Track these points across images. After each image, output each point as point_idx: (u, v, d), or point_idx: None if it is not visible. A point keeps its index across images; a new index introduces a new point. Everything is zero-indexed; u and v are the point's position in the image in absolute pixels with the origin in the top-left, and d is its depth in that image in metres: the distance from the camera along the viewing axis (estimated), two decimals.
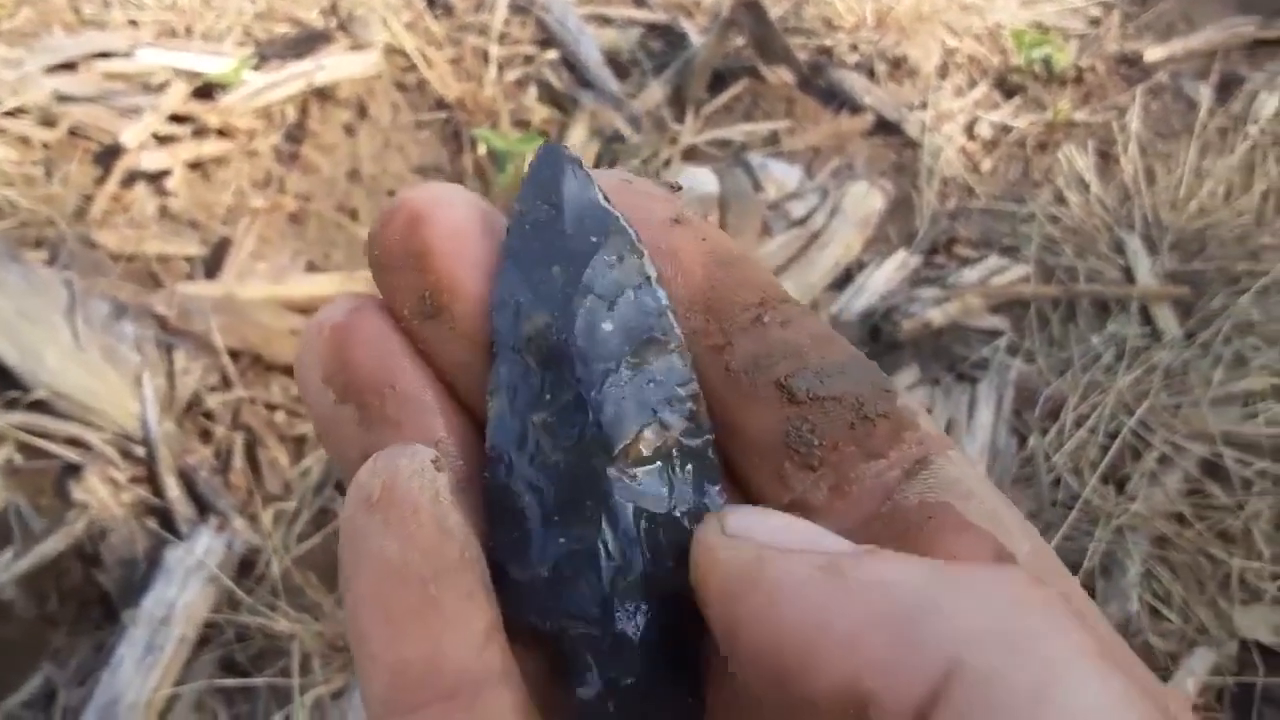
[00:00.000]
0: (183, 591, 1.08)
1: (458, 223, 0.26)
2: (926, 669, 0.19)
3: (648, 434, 0.25)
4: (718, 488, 0.25)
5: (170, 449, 1.22)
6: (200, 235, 1.52)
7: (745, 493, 0.26)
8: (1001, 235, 1.48)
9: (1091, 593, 1.07)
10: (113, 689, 1.00)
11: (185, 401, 1.28)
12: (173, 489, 1.20)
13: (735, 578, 0.22)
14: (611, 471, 0.24)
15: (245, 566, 1.15)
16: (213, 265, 1.47)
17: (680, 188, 0.28)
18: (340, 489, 1.23)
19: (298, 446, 1.29)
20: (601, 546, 0.24)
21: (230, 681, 1.04)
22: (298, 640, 1.05)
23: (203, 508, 1.20)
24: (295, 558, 1.14)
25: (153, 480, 1.22)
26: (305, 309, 1.39)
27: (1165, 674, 1.00)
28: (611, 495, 0.24)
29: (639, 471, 0.25)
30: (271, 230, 1.51)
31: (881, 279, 1.43)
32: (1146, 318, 1.35)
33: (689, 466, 0.25)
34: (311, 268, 1.47)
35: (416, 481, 0.23)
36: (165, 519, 1.18)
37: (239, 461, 1.25)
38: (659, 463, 0.25)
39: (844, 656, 0.20)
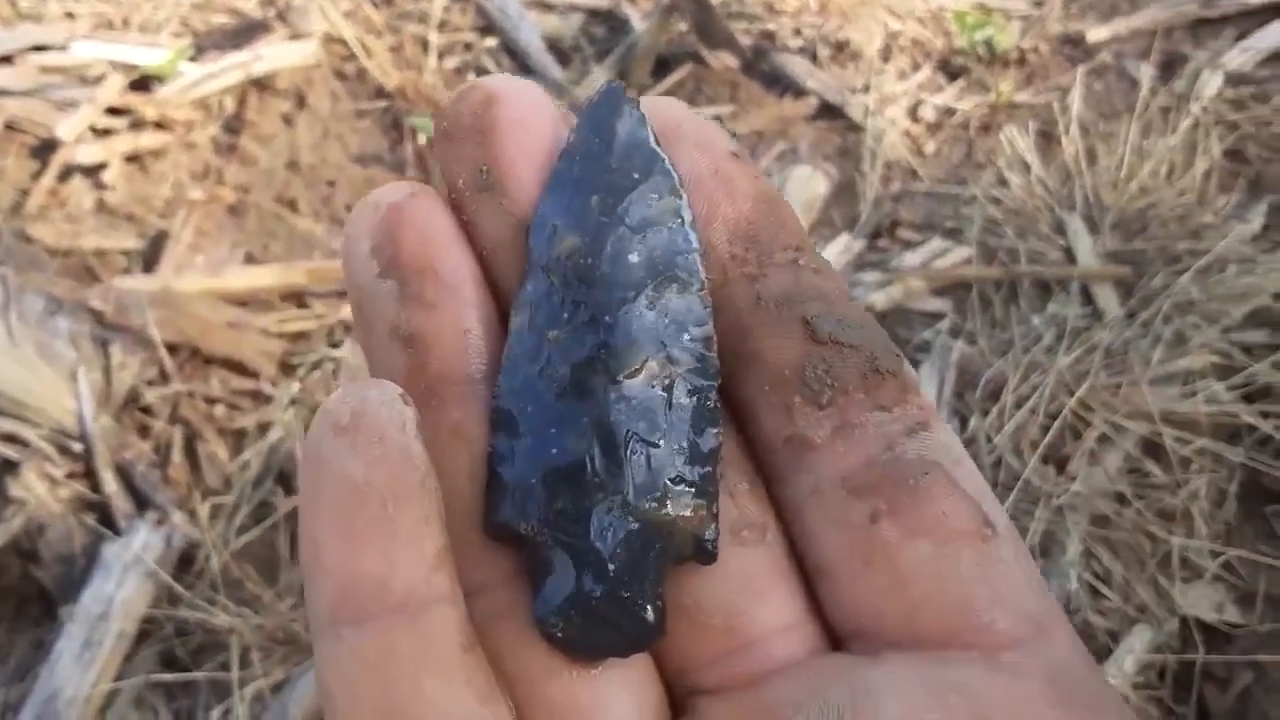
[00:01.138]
0: (120, 587, 1.06)
1: (525, 111, 0.27)
2: None
3: (653, 364, 0.26)
4: (716, 430, 0.26)
5: (107, 444, 1.21)
6: (137, 229, 1.50)
7: (751, 424, 0.27)
8: (944, 218, 1.48)
9: None
10: (51, 685, 0.99)
11: (122, 396, 1.26)
12: (110, 484, 1.18)
13: None
14: (611, 392, 0.25)
15: (184, 561, 1.14)
16: (150, 259, 1.45)
17: (735, 134, 0.30)
18: (282, 482, 1.22)
19: (237, 440, 1.28)
20: (589, 462, 0.25)
21: (169, 676, 1.03)
22: (237, 634, 1.04)
23: (141, 503, 1.18)
24: (234, 551, 1.13)
25: (90, 476, 1.20)
26: (244, 301, 1.38)
27: (1105, 652, 1.01)
28: (607, 415, 0.25)
29: (638, 398, 0.25)
30: (209, 222, 1.49)
31: None
32: (1088, 298, 1.36)
33: (690, 402, 0.26)
34: (250, 259, 1.45)
35: (385, 411, 0.24)
36: (104, 515, 1.17)
37: (177, 456, 1.24)
38: (660, 393, 0.26)
39: None
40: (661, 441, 0.25)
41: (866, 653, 0.25)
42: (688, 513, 0.25)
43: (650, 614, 0.25)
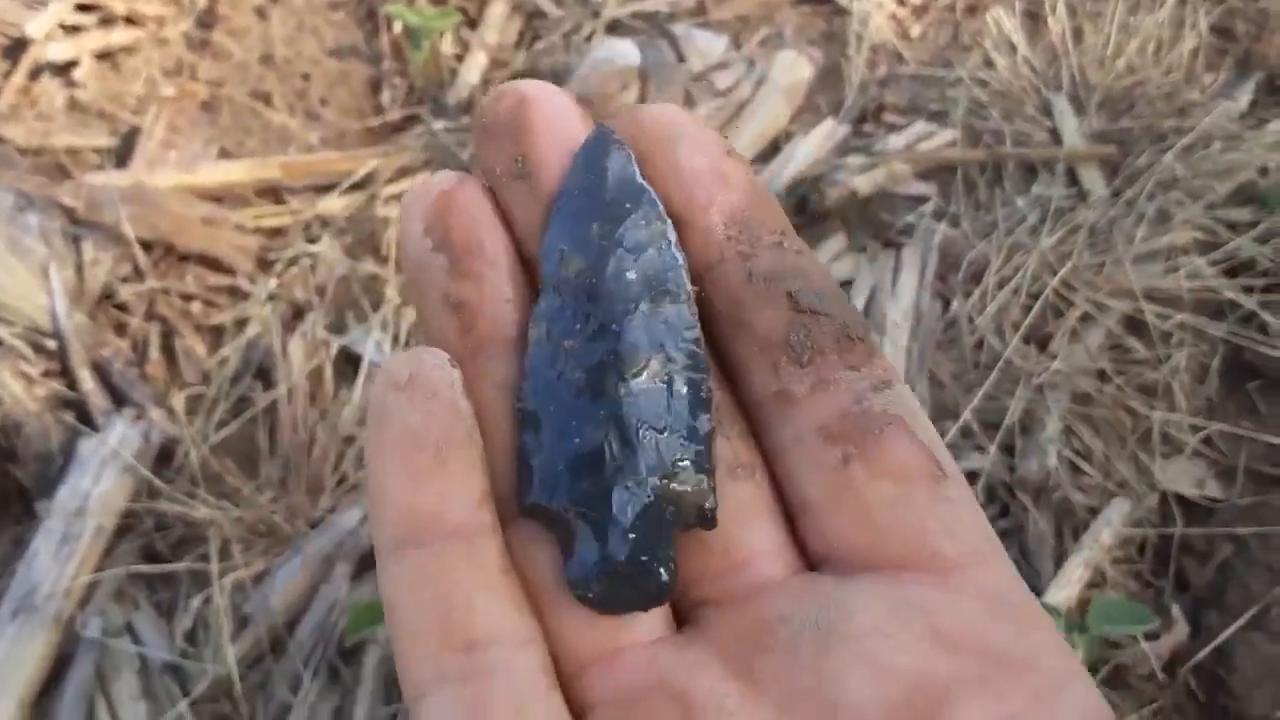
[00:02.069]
0: (98, 482, 1.06)
1: (554, 111, 0.32)
2: None
3: (654, 363, 0.30)
4: (707, 415, 0.31)
5: (82, 341, 1.20)
6: (109, 126, 1.47)
7: (742, 381, 0.32)
8: (929, 101, 1.45)
9: (1011, 450, 1.08)
10: (29, 580, 0.99)
11: (96, 293, 1.25)
12: (87, 382, 1.17)
13: None
14: (622, 389, 0.30)
15: (164, 457, 1.14)
16: (123, 156, 1.43)
17: (727, 136, 0.35)
18: (261, 378, 1.21)
19: (215, 337, 1.27)
20: (607, 448, 0.30)
21: (148, 568, 1.03)
22: (217, 527, 1.04)
23: (119, 400, 1.18)
24: (213, 446, 1.13)
25: (66, 374, 1.20)
26: (218, 197, 1.36)
27: (1084, 527, 1.01)
28: (620, 406, 0.30)
29: (644, 390, 0.30)
30: (183, 119, 1.47)
31: (809, 149, 1.41)
32: (1073, 179, 1.34)
33: (686, 394, 0.30)
34: (224, 155, 1.43)
35: (437, 372, 0.29)
36: (81, 412, 1.16)
37: (155, 353, 1.23)
38: (662, 386, 0.30)
39: None
40: (666, 428, 0.30)
41: (838, 574, 0.30)
42: (691, 487, 0.30)
43: (665, 574, 0.30)
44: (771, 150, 1.42)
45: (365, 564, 1.02)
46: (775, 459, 0.31)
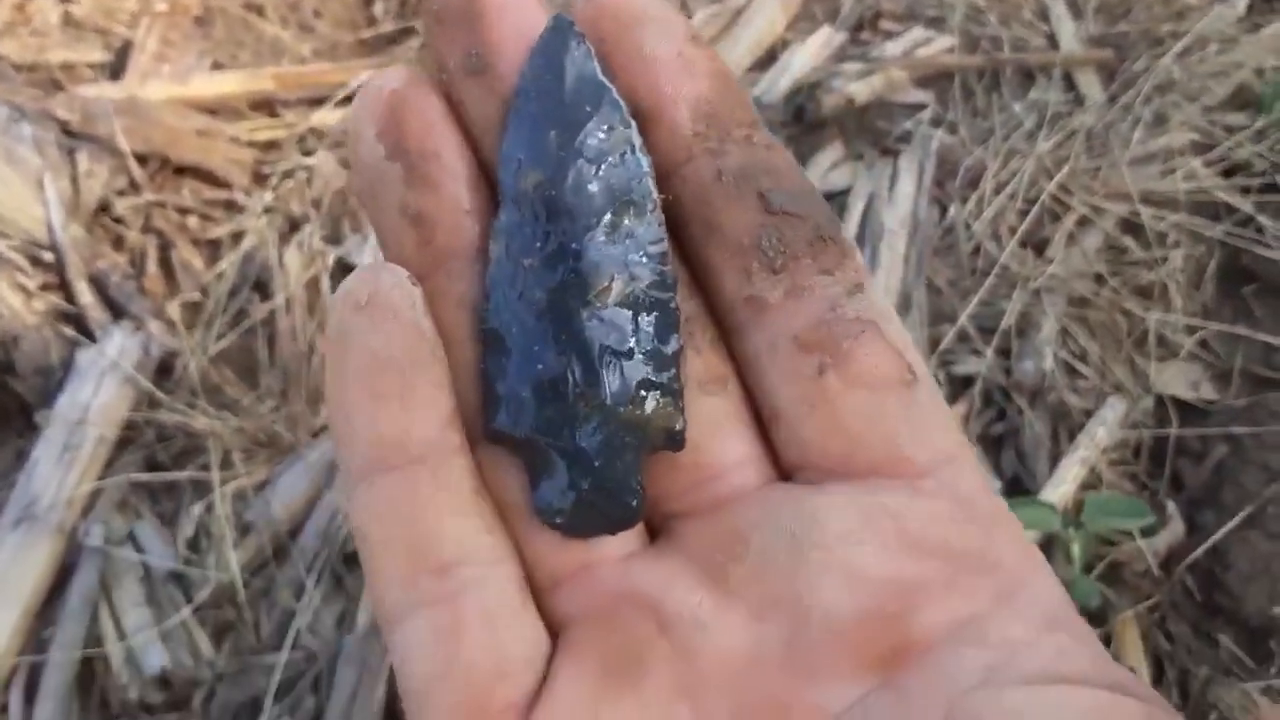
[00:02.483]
0: (97, 393, 1.06)
1: None
2: None
3: (617, 283, 0.29)
4: (677, 334, 0.30)
5: (79, 254, 1.20)
6: (103, 41, 1.45)
7: (713, 286, 0.31)
8: (927, 7, 1.43)
9: (1007, 354, 1.08)
10: (30, 490, 1.00)
11: (92, 206, 1.24)
12: (85, 295, 1.17)
13: None
14: (584, 312, 0.29)
15: (164, 370, 1.14)
16: (117, 71, 1.41)
17: (691, 16, 0.32)
18: (259, 290, 1.21)
19: (212, 250, 1.26)
20: (570, 374, 0.29)
21: (149, 476, 1.04)
22: (217, 437, 1.04)
23: (117, 313, 1.18)
24: (213, 357, 1.13)
25: (64, 288, 1.19)
26: (212, 109, 1.35)
27: (1079, 429, 1.02)
28: (582, 332, 0.29)
29: (607, 314, 0.29)
30: (175, 32, 1.45)
31: (806, 57, 1.39)
32: (1070, 83, 1.33)
33: (654, 315, 0.29)
34: (217, 68, 1.41)
35: (398, 292, 0.28)
36: (80, 326, 1.16)
37: (152, 266, 1.23)
38: (626, 308, 0.29)
39: None
40: (631, 351, 0.29)
41: (811, 482, 0.30)
42: (658, 411, 0.29)
43: (633, 500, 0.29)
44: (768, 58, 1.40)
45: None
46: (747, 364, 0.31)
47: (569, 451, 0.29)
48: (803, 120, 1.33)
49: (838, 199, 1.25)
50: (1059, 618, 0.28)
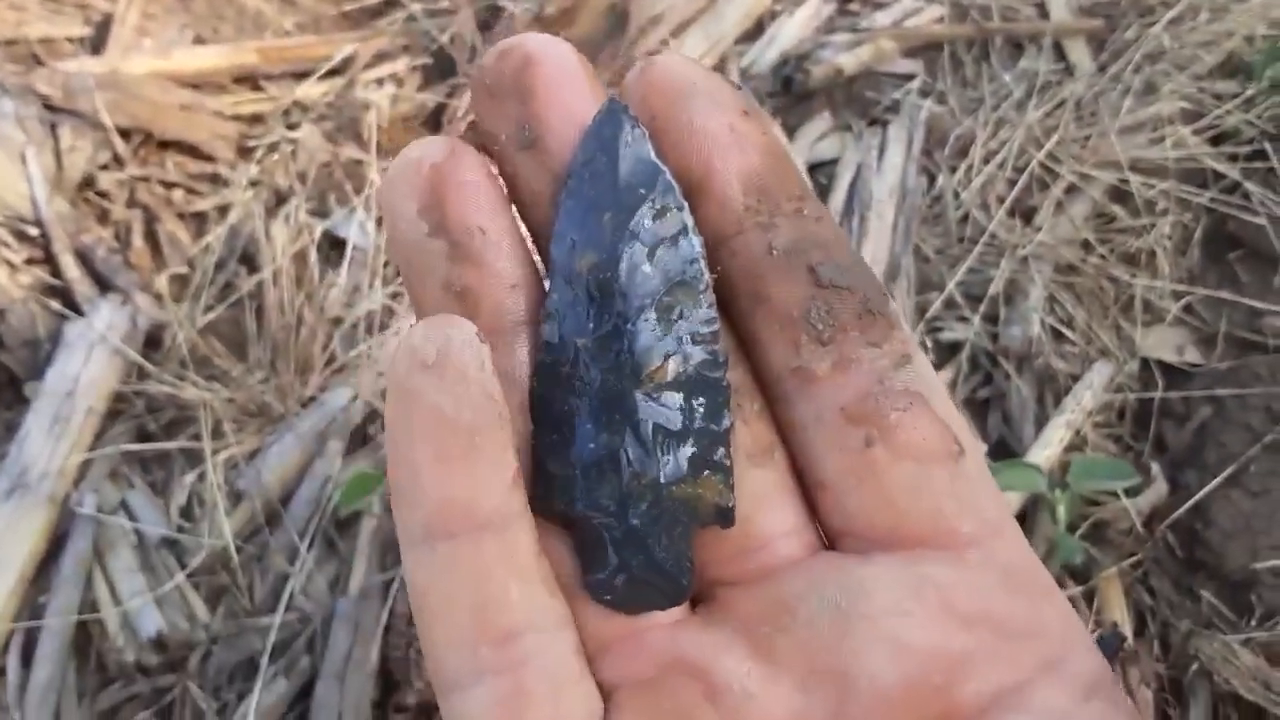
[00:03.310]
0: (86, 365, 1.06)
1: (562, 71, 0.30)
2: None
3: (671, 364, 0.29)
4: (728, 412, 0.30)
5: (65, 228, 1.19)
6: (83, 15, 1.44)
7: (760, 357, 0.31)
8: None
9: (995, 320, 1.08)
10: (21, 460, 1.00)
11: (76, 180, 1.24)
12: (71, 269, 1.17)
13: None
14: (638, 393, 0.29)
15: (152, 343, 1.14)
16: (97, 45, 1.41)
17: (742, 87, 0.33)
18: (245, 262, 1.21)
19: (198, 223, 1.26)
20: (624, 454, 0.29)
21: (140, 446, 1.04)
22: (207, 408, 1.04)
23: (104, 287, 1.17)
24: (201, 329, 1.13)
25: (50, 261, 1.19)
26: (195, 84, 1.34)
27: (1066, 393, 1.02)
28: (635, 412, 0.29)
29: (660, 395, 0.29)
30: (156, 5, 1.44)
31: (794, 28, 1.39)
32: (1060, 53, 1.33)
33: (705, 394, 0.29)
34: (199, 42, 1.40)
35: (467, 351, 0.27)
36: (66, 299, 1.16)
37: (138, 240, 1.23)
38: (678, 389, 0.29)
39: None
40: (684, 431, 0.29)
41: (856, 551, 0.30)
42: (710, 489, 0.29)
43: (683, 577, 0.30)
44: (756, 29, 1.40)
45: (357, 440, 1.03)
46: (793, 434, 0.31)
47: (621, 530, 0.29)
48: (791, 91, 1.33)
49: (826, 169, 1.26)
50: (1098, 686, 0.29)
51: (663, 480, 0.29)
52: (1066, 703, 0.28)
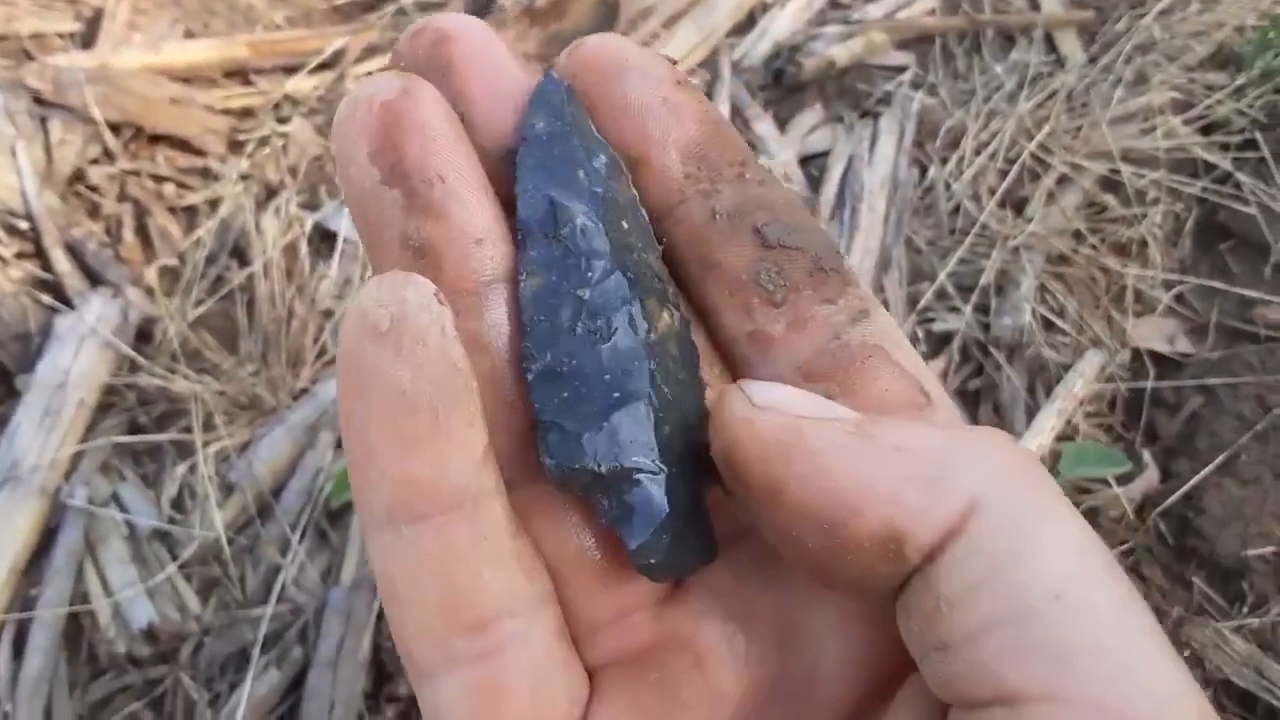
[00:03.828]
0: (77, 358, 1.06)
1: (477, 44, 0.29)
2: (952, 508, 0.24)
3: (664, 315, 0.29)
4: (699, 369, 0.30)
5: (55, 222, 1.19)
6: (74, 10, 1.44)
7: (712, 323, 0.30)
8: None
9: (986, 310, 1.08)
10: (12, 453, 0.99)
11: (66, 175, 1.23)
12: (61, 262, 1.17)
13: (774, 444, 0.25)
14: (652, 335, 0.28)
15: (143, 336, 1.13)
16: (88, 40, 1.40)
17: (676, 61, 0.31)
18: (236, 256, 1.21)
19: (189, 217, 1.26)
20: (648, 399, 0.28)
21: (130, 439, 1.04)
22: (199, 400, 1.04)
23: (94, 280, 1.17)
24: (193, 322, 1.13)
25: (41, 255, 1.19)
26: (186, 78, 1.34)
27: (1057, 383, 1.02)
28: (649, 360, 0.28)
29: (665, 342, 0.29)
30: (147, 0, 1.44)
31: (786, 20, 1.39)
32: (1051, 45, 1.33)
33: (686, 348, 0.29)
34: (190, 36, 1.40)
35: (425, 315, 0.25)
36: (58, 293, 1.16)
37: (129, 235, 1.22)
38: (672, 341, 0.29)
39: (884, 506, 0.24)
40: (686, 379, 0.29)
41: None
42: (708, 441, 0.28)
43: (710, 531, 0.29)
44: (748, 22, 1.40)
45: None
46: None
47: (662, 480, 0.28)
48: (782, 83, 1.33)
49: (817, 161, 1.26)
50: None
51: (692, 420, 0.28)
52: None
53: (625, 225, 0.29)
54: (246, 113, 1.35)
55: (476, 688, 0.26)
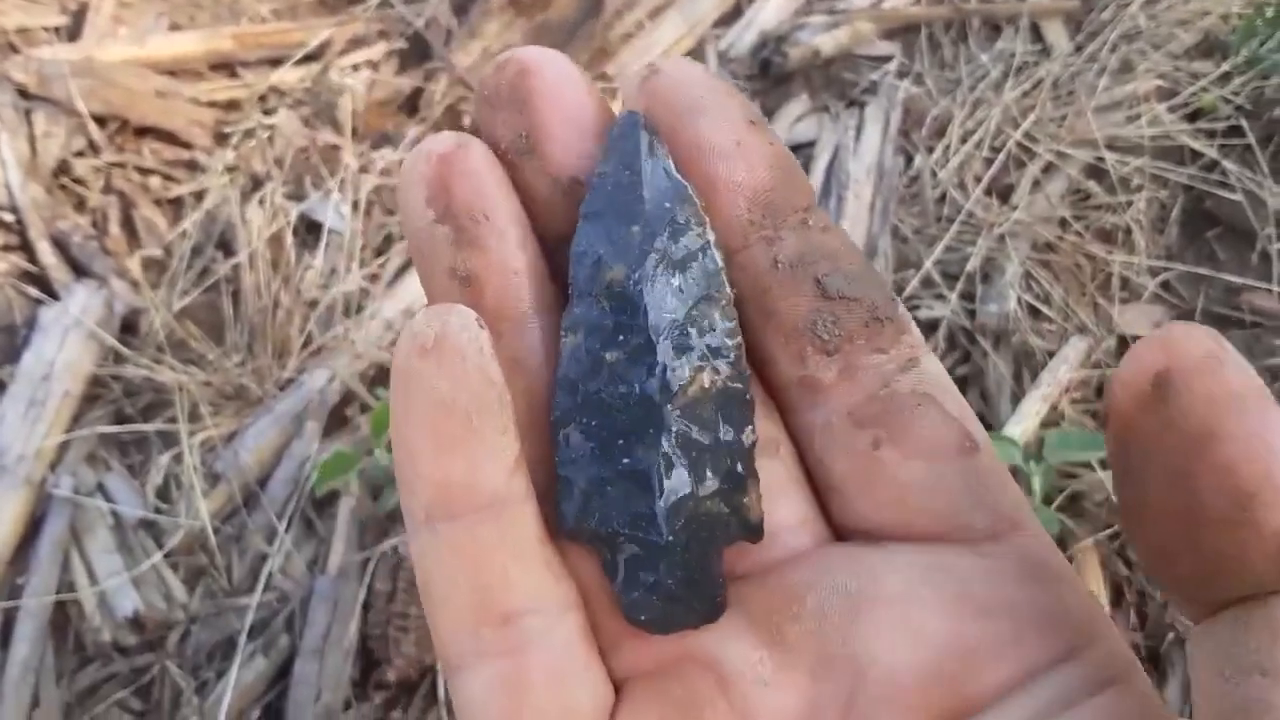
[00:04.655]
0: (62, 349, 1.06)
1: (557, 81, 0.30)
2: None
3: (701, 378, 0.29)
4: (753, 426, 0.29)
5: (40, 215, 1.18)
6: (59, 4, 1.44)
7: (766, 368, 0.31)
8: None
9: (972, 297, 1.09)
10: None
11: (51, 167, 1.23)
12: (47, 254, 1.17)
13: (1234, 394, 0.24)
14: (669, 408, 0.28)
15: (129, 327, 1.13)
16: (74, 34, 1.40)
17: (744, 89, 0.32)
18: (222, 248, 1.20)
19: (174, 209, 1.26)
20: (656, 471, 0.28)
21: (115, 429, 1.03)
22: (184, 391, 1.04)
23: (80, 272, 1.17)
24: (179, 314, 1.13)
25: (26, 247, 1.18)
26: (171, 70, 1.33)
27: (1042, 367, 1.03)
28: (667, 428, 0.28)
29: (691, 410, 0.29)
30: None
31: (772, 11, 1.39)
32: (1037, 34, 1.34)
33: (731, 407, 0.29)
34: (176, 29, 1.40)
35: (465, 335, 0.27)
36: (43, 285, 1.16)
37: (115, 227, 1.22)
38: (708, 403, 0.29)
39: None
40: (713, 446, 0.29)
41: (866, 543, 0.30)
42: (740, 503, 0.29)
43: (717, 594, 0.29)
44: (734, 12, 1.40)
45: (335, 421, 1.03)
46: (802, 439, 0.31)
47: (655, 548, 0.29)
48: (769, 73, 1.33)
49: (804, 150, 1.26)
50: (1120, 674, 0.28)
51: (694, 495, 0.29)
52: (1083, 690, 0.27)
53: (675, 281, 0.29)
54: (232, 105, 1.34)
55: (502, 680, 0.28)
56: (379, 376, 1.06)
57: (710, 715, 0.29)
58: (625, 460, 0.29)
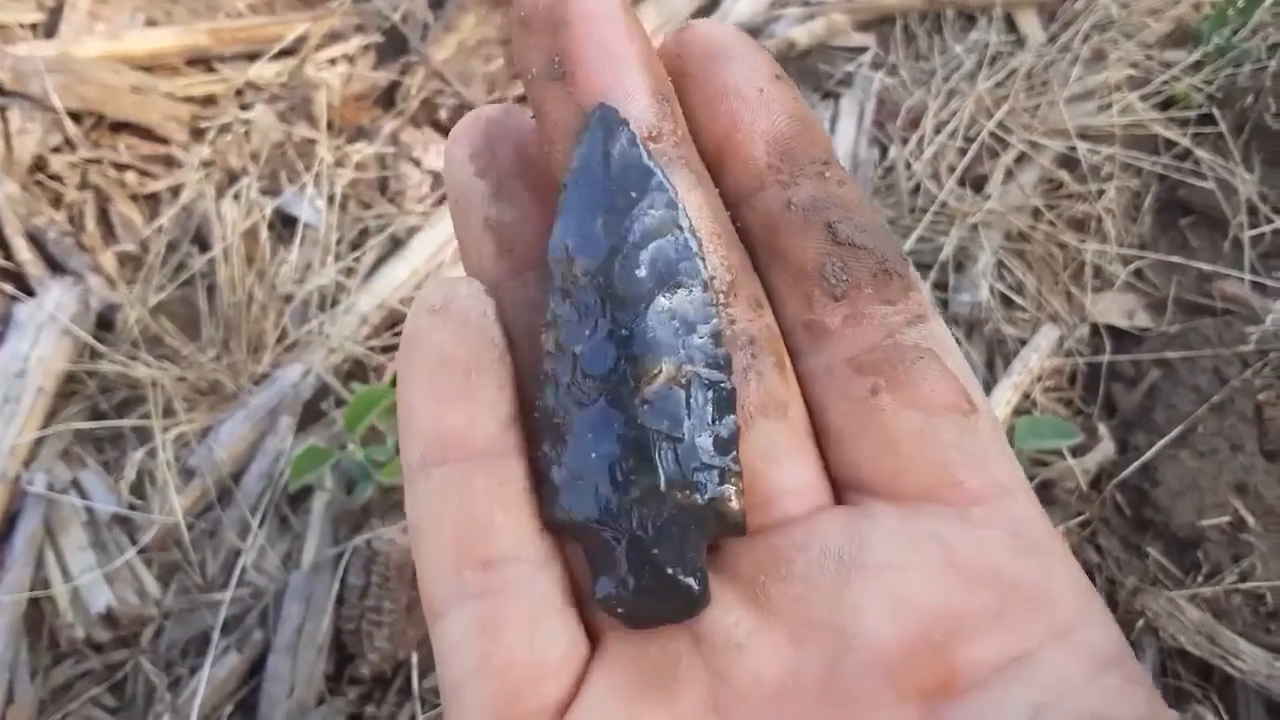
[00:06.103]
0: (36, 345, 1.06)
1: (596, 7, 0.30)
2: None
3: (669, 367, 0.29)
4: (733, 416, 0.29)
5: (15, 211, 1.18)
6: (37, 1, 1.43)
7: (775, 308, 0.31)
8: None
9: (944, 287, 1.09)
10: None
11: (26, 164, 1.23)
12: (22, 251, 1.16)
13: None
14: (636, 397, 0.28)
15: (104, 323, 1.13)
16: (50, 30, 1.40)
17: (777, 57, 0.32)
18: (198, 243, 1.20)
19: (152, 205, 1.25)
20: (625, 461, 0.28)
21: (90, 425, 1.03)
22: (159, 386, 1.04)
23: (56, 269, 1.17)
24: (154, 309, 1.13)
25: (2, 244, 1.18)
26: (146, 65, 1.33)
27: (1015, 355, 1.03)
28: (635, 417, 0.28)
29: (660, 400, 0.29)
30: None
31: (747, 3, 1.39)
32: (1011, 24, 1.34)
33: (708, 396, 0.29)
34: (152, 24, 1.40)
35: (469, 299, 0.29)
36: (19, 282, 1.15)
37: (91, 223, 1.22)
38: (679, 392, 0.29)
39: None
40: (685, 436, 0.29)
41: (858, 503, 0.30)
42: (716, 496, 0.29)
43: (695, 586, 0.29)
44: (710, 4, 1.40)
45: (309, 416, 1.03)
46: (805, 387, 0.31)
47: (627, 540, 0.28)
48: None
49: None
50: (1113, 658, 0.28)
51: (664, 487, 0.28)
52: (1078, 674, 0.27)
53: (642, 272, 0.29)
54: (208, 100, 1.34)
55: (478, 622, 0.28)
56: (354, 371, 1.06)
57: (684, 674, 0.29)
58: (594, 453, 0.29)
